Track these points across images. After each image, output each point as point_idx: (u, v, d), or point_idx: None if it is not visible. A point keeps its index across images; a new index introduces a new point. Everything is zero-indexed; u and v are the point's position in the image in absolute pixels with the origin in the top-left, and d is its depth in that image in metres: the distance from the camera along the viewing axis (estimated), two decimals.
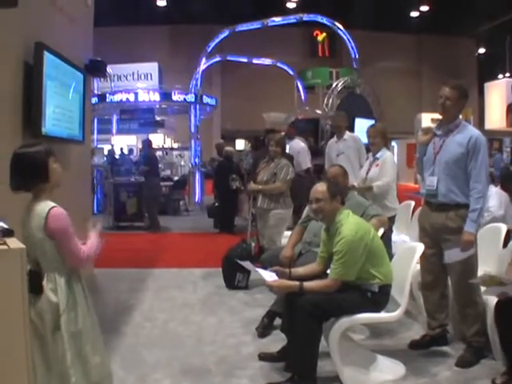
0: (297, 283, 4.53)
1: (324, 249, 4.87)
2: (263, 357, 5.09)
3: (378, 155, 7.09)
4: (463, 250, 4.93)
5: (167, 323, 6.19)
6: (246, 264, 5.16)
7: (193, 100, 19.56)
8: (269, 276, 4.69)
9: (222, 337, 5.75)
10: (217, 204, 13.13)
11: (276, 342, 5.38)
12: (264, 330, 5.84)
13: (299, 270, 4.94)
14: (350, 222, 4.59)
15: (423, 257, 4.99)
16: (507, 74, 29.41)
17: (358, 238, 4.50)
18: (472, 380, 4.70)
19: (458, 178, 5.02)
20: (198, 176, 18.78)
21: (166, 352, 5.31)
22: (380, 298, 4.59)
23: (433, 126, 5.42)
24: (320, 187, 4.77)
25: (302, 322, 4.40)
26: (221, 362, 5.09)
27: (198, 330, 5.98)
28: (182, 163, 21.61)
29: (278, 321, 5.71)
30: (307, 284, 4.51)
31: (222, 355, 5.25)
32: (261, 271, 4.83)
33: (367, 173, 7.10)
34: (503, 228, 5.97)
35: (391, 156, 7.20)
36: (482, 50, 34.62)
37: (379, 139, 7.13)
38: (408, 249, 4.97)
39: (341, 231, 4.53)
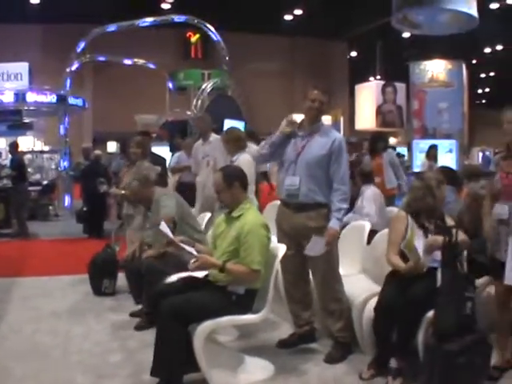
0: (220, 262, 4.58)
1: (219, 230, 4.96)
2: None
3: (233, 158, 7.25)
4: (327, 244, 5.04)
5: (34, 334, 6.02)
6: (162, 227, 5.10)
7: (59, 101, 19.17)
8: (193, 251, 4.71)
9: (89, 345, 5.64)
10: (85, 208, 12.91)
11: (145, 347, 5.35)
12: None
13: (200, 246, 4.99)
14: (253, 212, 4.81)
15: (283, 257, 5.07)
16: (378, 77, 30.50)
17: (263, 225, 4.69)
18: (342, 375, 4.86)
19: (318, 179, 5.13)
20: (67, 180, 18.44)
21: (32, 364, 5.16)
22: (245, 301, 4.64)
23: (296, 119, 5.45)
24: (216, 176, 4.92)
25: (164, 325, 4.41)
26: (88, 371, 5.00)
27: (65, 339, 5.84)
28: (53, 166, 21.07)
29: None
30: (229, 265, 4.56)
31: (88, 364, 5.15)
32: (183, 245, 4.79)
33: None
34: (367, 226, 6.20)
35: (245, 158, 7.35)
36: (353, 54, 35.62)
37: (231, 144, 7.37)
38: (270, 250, 4.90)
39: (246, 219, 4.69)
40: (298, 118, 5.43)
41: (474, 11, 15.27)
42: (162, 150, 12.23)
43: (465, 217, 5.84)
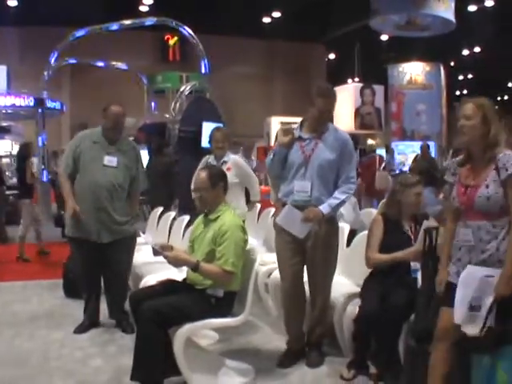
0: (194, 260, 4.54)
1: (197, 232, 4.92)
2: None
3: (225, 159, 7.20)
4: (305, 221, 4.87)
5: (13, 340, 5.94)
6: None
7: (36, 104, 19.10)
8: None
9: (69, 350, 5.59)
10: (62, 212, 12.78)
11: (124, 352, 5.35)
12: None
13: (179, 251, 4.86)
14: (230, 214, 4.74)
15: (285, 266, 5.06)
16: (356, 79, 30.55)
17: (240, 227, 4.67)
18: (323, 377, 4.89)
19: (329, 182, 4.98)
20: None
21: (11, 370, 5.09)
22: (225, 304, 4.63)
23: (294, 126, 5.24)
24: (201, 175, 4.81)
25: (143, 329, 4.39)
26: (68, 377, 4.96)
27: (44, 344, 5.78)
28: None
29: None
30: (204, 265, 4.51)
31: (68, 370, 5.10)
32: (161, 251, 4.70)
33: None
34: (346, 227, 6.19)
35: (240, 159, 7.44)
36: (332, 56, 35.65)
37: (226, 143, 7.32)
38: (248, 251, 4.83)
39: (224, 220, 4.65)
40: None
41: (450, 15, 15.43)
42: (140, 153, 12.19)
43: None
